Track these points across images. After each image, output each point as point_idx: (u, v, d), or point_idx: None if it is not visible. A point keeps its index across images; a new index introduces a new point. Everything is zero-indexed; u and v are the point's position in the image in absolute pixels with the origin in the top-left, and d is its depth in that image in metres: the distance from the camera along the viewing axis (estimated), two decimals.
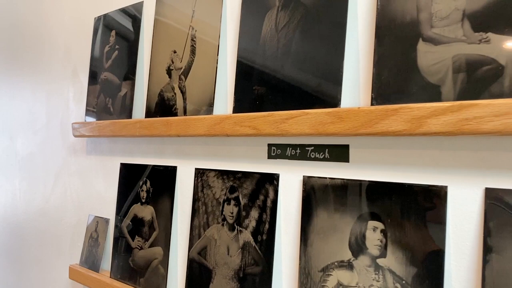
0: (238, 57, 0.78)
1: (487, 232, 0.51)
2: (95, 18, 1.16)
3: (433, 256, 0.55)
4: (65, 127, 1.27)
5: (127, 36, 1.04)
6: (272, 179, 0.75)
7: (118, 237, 1.03)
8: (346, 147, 0.66)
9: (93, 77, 1.14)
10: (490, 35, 0.50)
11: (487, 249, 0.51)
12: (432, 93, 0.54)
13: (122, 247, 1.02)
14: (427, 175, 0.57)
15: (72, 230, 1.24)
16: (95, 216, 1.14)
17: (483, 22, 0.51)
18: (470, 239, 0.53)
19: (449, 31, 0.53)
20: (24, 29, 1.48)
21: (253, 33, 0.76)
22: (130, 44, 1.03)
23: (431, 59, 0.54)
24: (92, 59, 1.15)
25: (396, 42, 0.58)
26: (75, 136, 1.15)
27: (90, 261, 1.11)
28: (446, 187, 0.55)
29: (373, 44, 0.60)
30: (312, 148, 0.70)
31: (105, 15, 1.12)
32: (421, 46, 0.56)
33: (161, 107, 0.92)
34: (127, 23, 1.05)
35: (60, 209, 1.29)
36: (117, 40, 1.07)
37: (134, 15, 1.03)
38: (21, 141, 1.48)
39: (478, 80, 0.51)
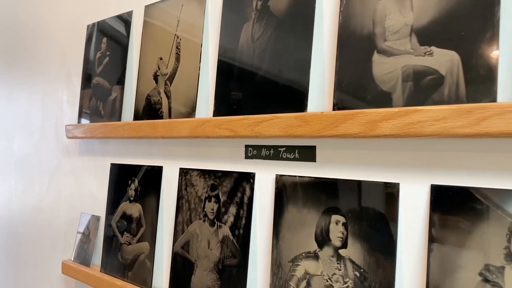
0: (218, 65, 0.84)
1: (432, 224, 0.58)
2: (88, 25, 1.22)
3: (387, 245, 0.61)
4: (59, 129, 1.33)
5: (117, 43, 1.10)
6: (248, 178, 0.81)
7: (108, 234, 1.09)
8: (313, 148, 0.72)
9: (86, 81, 1.20)
10: (434, 48, 0.56)
11: (431, 239, 0.57)
12: (385, 100, 0.60)
13: (111, 243, 1.08)
14: (382, 173, 0.63)
15: (65, 227, 1.30)
16: (87, 214, 1.20)
17: (427, 37, 0.57)
18: (418, 230, 0.59)
19: (399, 44, 0.60)
20: (21, 35, 1.54)
21: (232, 44, 0.82)
22: (120, 50, 1.09)
23: (384, 69, 0.61)
24: (85, 64, 1.21)
25: (355, 53, 0.64)
26: (69, 137, 1.21)
27: (82, 256, 1.17)
28: (398, 184, 0.61)
29: (335, 54, 0.67)
30: (284, 149, 0.76)
31: (97, 23, 1.18)
32: (376, 57, 0.62)
33: (148, 110, 0.98)
34: (118, 31, 1.11)
35: (54, 208, 1.35)
36: (108, 47, 1.13)
37: (124, 24, 1.10)
38: (17, 142, 1.54)
39: (423, 88, 0.57)
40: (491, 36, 0.52)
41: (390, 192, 0.62)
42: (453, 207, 0.56)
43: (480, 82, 0.52)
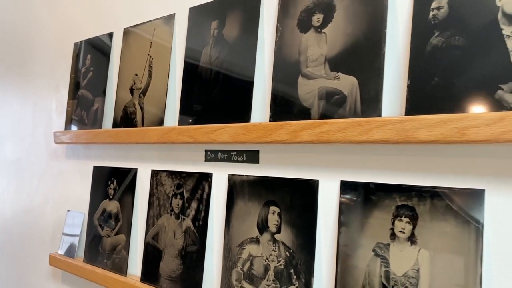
0: (182, 82, 1.00)
1: (341, 212, 0.73)
2: (75, 43, 1.37)
3: (308, 229, 0.76)
4: (48, 135, 1.47)
5: (99, 61, 1.25)
6: (207, 178, 0.96)
7: (91, 228, 1.23)
8: (257, 152, 0.87)
9: (72, 92, 1.34)
10: (340, 74, 0.72)
11: (340, 224, 0.73)
12: (305, 114, 0.76)
13: (93, 236, 1.22)
14: (305, 172, 0.79)
15: (52, 224, 1.44)
16: (72, 211, 1.34)
17: (336, 65, 0.73)
18: (331, 217, 0.75)
19: (316, 70, 0.75)
20: (14, 50, 1.69)
21: (194, 64, 0.98)
22: (102, 66, 1.24)
23: (305, 89, 0.76)
24: (72, 77, 1.35)
25: (285, 75, 0.80)
26: (56, 143, 1.35)
27: (67, 249, 1.31)
28: (318, 180, 0.76)
29: (272, 76, 0.82)
30: (235, 153, 0.91)
31: (83, 41, 1.33)
32: (300, 80, 0.77)
33: (125, 119, 1.13)
34: (100, 50, 1.26)
35: (43, 207, 1.49)
36: (92, 63, 1.28)
37: (105, 43, 1.25)
38: (10, 147, 1.68)
39: (332, 105, 0.72)
40: (378, 66, 0.68)
41: (312, 187, 0.77)
42: (356, 198, 0.71)
43: (370, 101, 0.68)
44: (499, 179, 0.58)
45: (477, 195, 0.59)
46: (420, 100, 0.63)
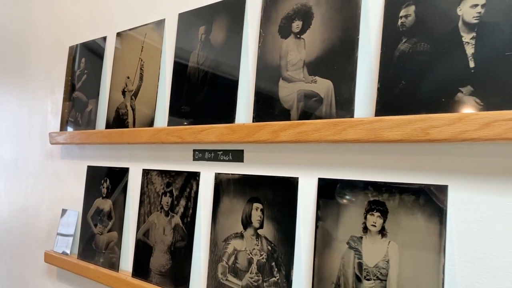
0: (172, 84, 1.04)
1: (318, 207, 0.77)
2: (70, 46, 1.41)
3: (288, 224, 0.80)
4: (44, 136, 1.51)
5: (93, 64, 1.30)
6: (195, 176, 1.00)
7: (84, 226, 1.27)
8: (242, 151, 0.91)
9: (67, 95, 1.38)
10: (317, 78, 0.77)
11: (318, 218, 0.77)
12: (286, 115, 0.80)
13: (87, 234, 1.26)
14: (286, 170, 0.83)
15: (48, 222, 1.47)
16: (67, 210, 1.38)
17: (313, 69, 0.77)
18: (310, 212, 0.79)
19: (296, 74, 0.80)
20: (11, 53, 1.73)
21: (182, 68, 1.02)
22: (96, 69, 1.29)
23: (286, 92, 0.81)
24: (67, 80, 1.40)
25: (267, 79, 0.84)
26: (52, 143, 1.39)
27: (62, 247, 1.34)
28: (297, 178, 0.81)
29: (255, 80, 0.87)
30: (221, 152, 0.95)
31: (78, 45, 1.37)
32: (281, 83, 0.82)
33: (117, 120, 1.17)
34: (94, 53, 1.30)
35: (39, 205, 1.52)
36: (86, 66, 1.32)
37: (100, 46, 1.29)
38: (7, 147, 1.72)
39: (309, 106, 0.77)
40: (351, 70, 0.72)
41: (292, 184, 0.81)
42: (332, 194, 0.76)
43: (344, 103, 0.72)
44: (461, 175, 0.63)
45: (441, 191, 0.64)
46: (389, 102, 0.67)
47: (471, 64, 0.60)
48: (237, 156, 0.92)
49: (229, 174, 0.92)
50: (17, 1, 1.73)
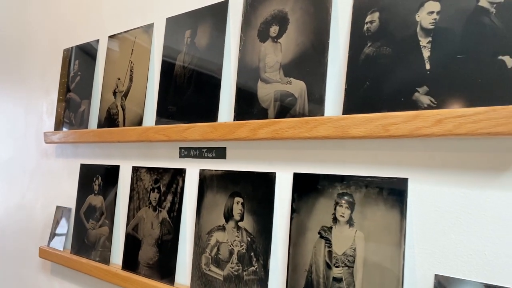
0: (159, 85, 1.09)
1: (293, 200, 0.82)
2: (64, 49, 1.46)
3: (266, 216, 0.86)
4: (39, 135, 1.56)
5: (86, 66, 1.35)
6: (181, 173, 1.05)
7: (77, 222, 1.32)
8: (224, 148, 0.97)
9: (62, 95, 1.43)
10: (292, 79, 0.82)
11: (292, 210, 0.82)
12: (263, 114, 0.85)
13: (80, 229, 1.31)
14: (265, 165, 0.88)
15: (42, 219, 1.52)
16: (61, 207, 1.42)
17: (288, 71, 0.83)
18: (285, 205, 0.84)
19: (273, 75, 0.85)
20: (7, 55, 1.78)
21: (169, 70, 1.08)
22: (88, 71, 1.34)
23: (264, 92, 0.86)
24: (61, 82, 1.45)
25: (247, 80, 0.90)
26: (47, 142, 1.44)
27: (56, 242, 1.39)
28: (275, 173, 0.86)
29: (236, 80, 0.92)
30: (206, 150, 1.01)
31: (71, 48, 1.43)
32: (259, 84, 0.87)
33: (108, 120, 1.22)
34: (87, 56, 1.35)
35: (34, 203, 1.57)
36: (79, 68, 1.38)
37: (94, 48, 1.34)
38: (3, 147, 1.77)
39: (285, 106, 0.82)
40: (322, 72, 0.77)
41: (270, 179, 0.87)
42: (306, 188, 0.81)
43: (316, 103, 0.78)
44: (419, 168, 0.68)
45: (402, 183, 0.69)
46: (355, 101, 0.73)
47: (427, 66, 0.66)
48: (220, 153, 0.98)
49: (212, 170, 0.98)
50: (14, 5, 1.78)
